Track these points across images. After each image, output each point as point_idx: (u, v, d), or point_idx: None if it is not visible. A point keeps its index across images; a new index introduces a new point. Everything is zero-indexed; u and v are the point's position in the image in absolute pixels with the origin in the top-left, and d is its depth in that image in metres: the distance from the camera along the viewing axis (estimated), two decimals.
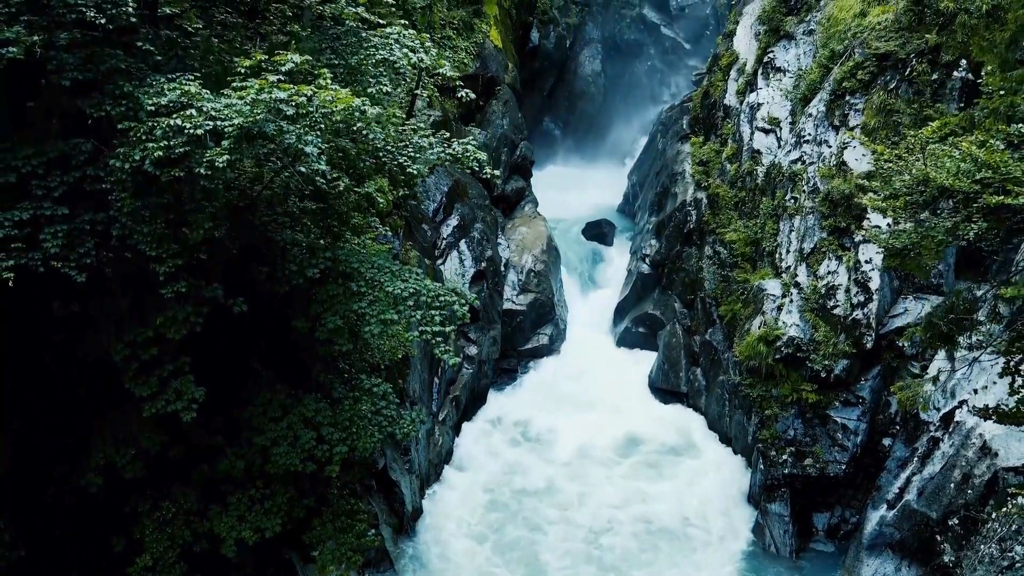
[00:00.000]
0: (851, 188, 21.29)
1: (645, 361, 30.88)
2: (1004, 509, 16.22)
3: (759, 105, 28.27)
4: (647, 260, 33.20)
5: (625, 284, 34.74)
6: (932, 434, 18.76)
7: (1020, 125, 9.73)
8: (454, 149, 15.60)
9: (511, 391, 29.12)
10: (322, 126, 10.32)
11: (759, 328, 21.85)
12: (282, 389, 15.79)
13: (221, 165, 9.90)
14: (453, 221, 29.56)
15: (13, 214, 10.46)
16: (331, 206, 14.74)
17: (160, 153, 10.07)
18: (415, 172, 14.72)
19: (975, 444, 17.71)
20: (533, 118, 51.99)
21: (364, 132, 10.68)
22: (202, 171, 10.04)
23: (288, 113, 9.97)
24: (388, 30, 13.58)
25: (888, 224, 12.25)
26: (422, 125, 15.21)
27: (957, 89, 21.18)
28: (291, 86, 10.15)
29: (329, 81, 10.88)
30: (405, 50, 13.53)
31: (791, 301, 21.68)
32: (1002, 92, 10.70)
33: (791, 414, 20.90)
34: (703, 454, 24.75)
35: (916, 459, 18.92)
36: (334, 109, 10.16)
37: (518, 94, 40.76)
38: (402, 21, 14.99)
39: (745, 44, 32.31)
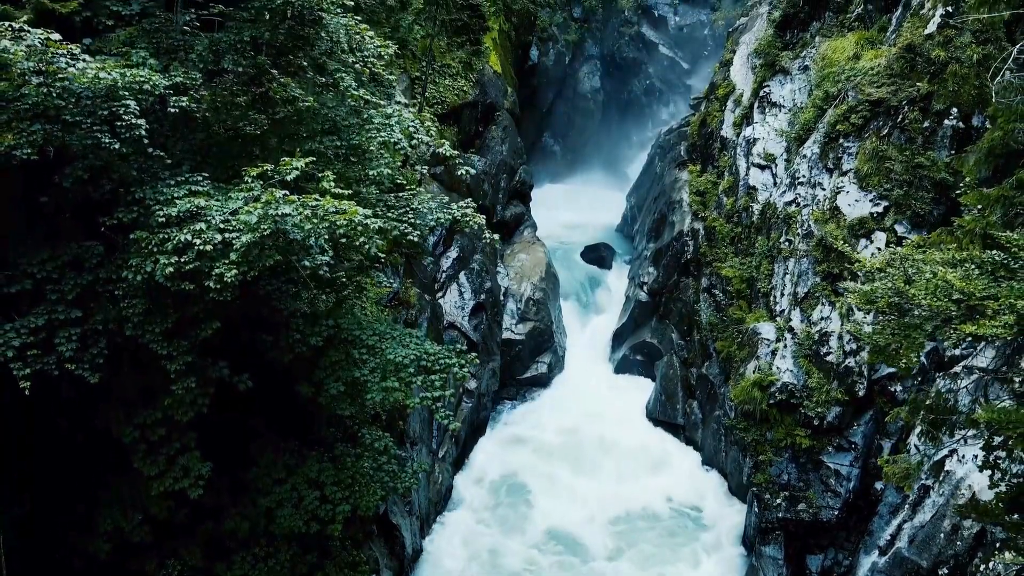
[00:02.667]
0: (844, 235, 21.66)
1: (642, 390, 31.23)
2: (991, 562, 16.60)
3: (755, 140, 28.61)
4: (645, 288, 33.53)
5: (623, 311, 35.08)
6: (923, 482, 19.11)
7: (995, 252, 10.09)
8: (454, 213, 15.93)
9: (510, 424, 29.42)
10: (325, 236, 10.70)
11: (754, 373, 22.21)
12: (286, 448, 16.18)
13: (230, 280, 10.29)
14: (453, 253, 29.87)
15: (29, 320, 10.84)
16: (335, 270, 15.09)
17: (171, 269, 10.46)
18: (415, 240, 15.07)
19: (964, 495, 18.04)
20: (533, 134, 52.38)
21: (367, 247, 11.06)
22: (211, 284, 10.44)
23: (294, 217, 10.33)
24: (388, 110, 13.96)
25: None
26: (422, 190, 15.53)
27: (948, 137, 21.50)
28: (296, 198, 10.52)
29: (333, 184, 11.24)
30: (406, 124, 13.89)
31: (785, 346, 22.04)
32: (979, 206, 11.04)
33: (785, 458, 21.26)
34: (703, 499, 24.87)
35: (907, 506, 19.28)
36: (337, 223, 10.54)
37: (517, 118, 41.09)
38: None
39: (741, 75, 32.65)
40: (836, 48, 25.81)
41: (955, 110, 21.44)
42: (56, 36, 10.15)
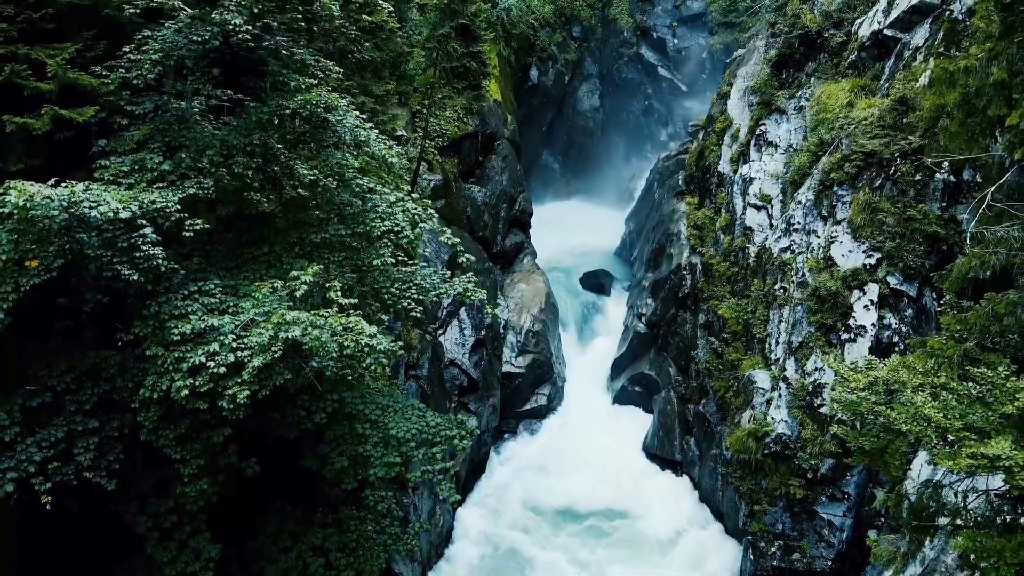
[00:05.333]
0: (838, 286, 22.09)
1: (640, 422, 31.64)
2: None
3: (751, 179, 28.99)
4: (643, 320, 33.90)
5: (622, 340, 35.46)
6: (916, 534, 19.53)
7: (971, 385, 10.55)
8: (456, 287, 16.35)
9: (509, 462, 29.77)
10: (334, 355, 11.14)
11: (749, 423, 22.65)
12: (291, 514, 16.61)
13: (242, 401, 10.74)
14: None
15: (49, 433, 11.28)
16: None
17: (186, 391, 10.92)
18: (418, 316, 15.50)
19: (954, 551, 18.48)
20: (532, 152, 52.75)
21: (373, 368, 11.52)
22: (225, 404, 10.89)
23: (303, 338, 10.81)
24: (391, 197, 14.39)
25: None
26: (424, 264, 15.96)
27: (939, 190, 21.90)
28: (305, 317, 10.96)
29: (339, 294, 11.69)
30: (411, 213, 14.34)
31: (780, 396, 22.46)
32: (958, 329, 11.47)
33: (779, 508, 21.69)
34: (702, 546, 25.19)
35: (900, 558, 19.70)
36: (345, 343, 10.98)
37: (516, 146, 41.46)
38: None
39: (738, 110, 33.04)
40: (830, 94, 26.19)
41: (946, 164, 21.82)
42: (80, 187, 10.58)
